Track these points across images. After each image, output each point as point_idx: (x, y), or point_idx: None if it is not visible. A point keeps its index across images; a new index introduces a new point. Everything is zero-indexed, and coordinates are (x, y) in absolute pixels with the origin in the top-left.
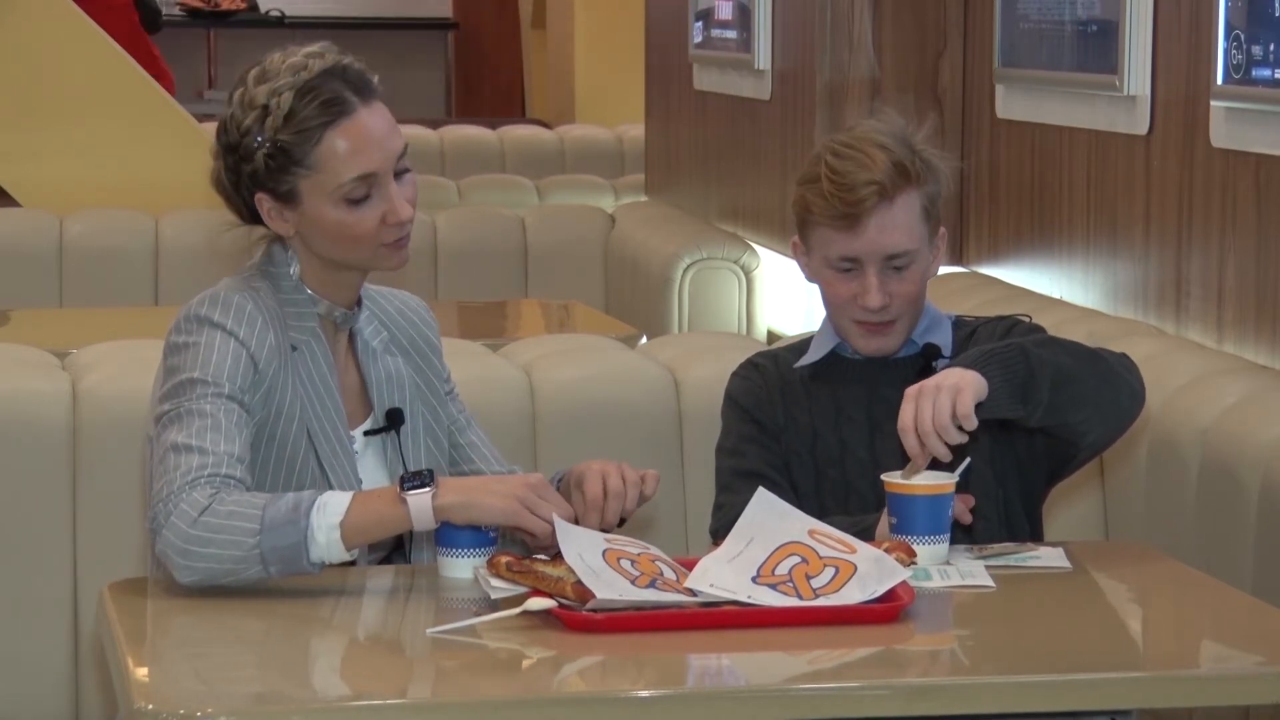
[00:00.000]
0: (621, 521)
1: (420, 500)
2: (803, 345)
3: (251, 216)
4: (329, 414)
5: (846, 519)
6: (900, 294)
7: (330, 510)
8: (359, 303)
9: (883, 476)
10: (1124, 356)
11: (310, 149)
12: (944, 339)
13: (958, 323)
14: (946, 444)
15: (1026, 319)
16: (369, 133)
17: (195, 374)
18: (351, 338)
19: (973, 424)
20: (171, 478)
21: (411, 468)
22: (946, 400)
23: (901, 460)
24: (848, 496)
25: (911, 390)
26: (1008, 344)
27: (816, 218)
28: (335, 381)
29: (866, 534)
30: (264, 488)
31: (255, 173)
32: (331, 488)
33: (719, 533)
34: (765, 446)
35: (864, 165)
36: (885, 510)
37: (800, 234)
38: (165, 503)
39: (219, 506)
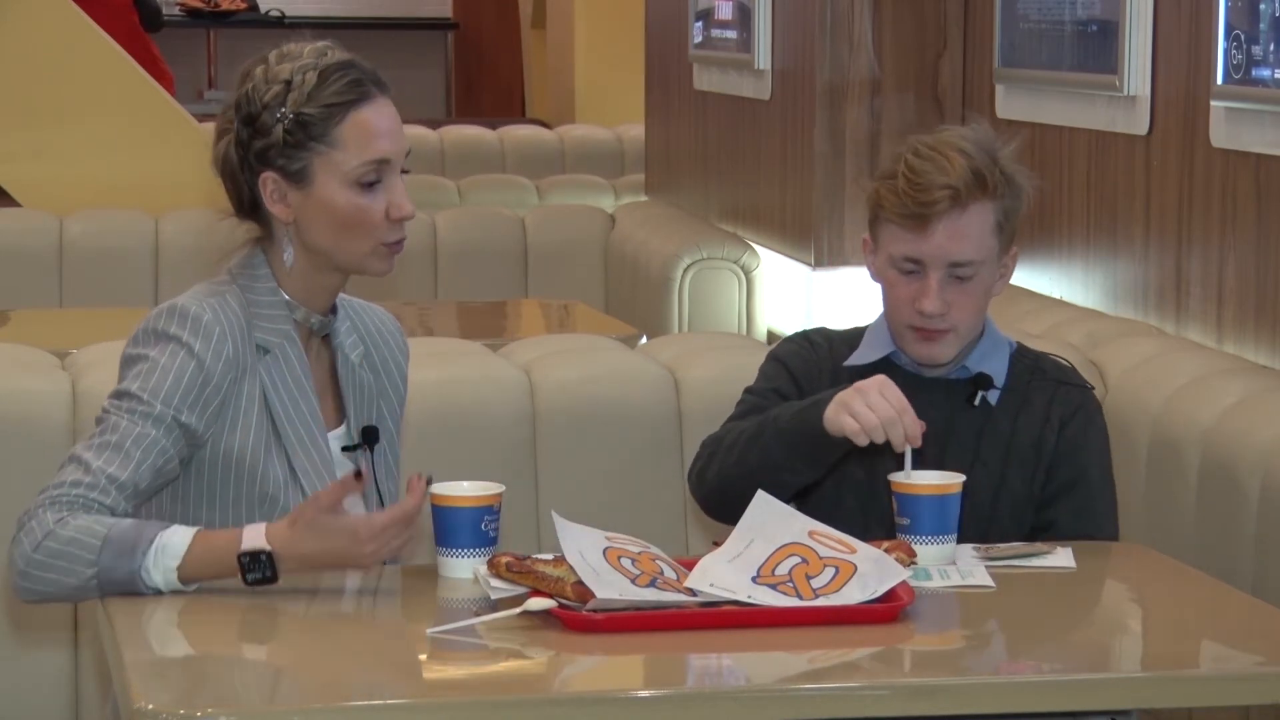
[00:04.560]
0: None
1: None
2: (854, 338)
3: (247, 204)
4: (303, 417)
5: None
6: (960, 304)
7: (170, 552)
8: (334, 310)
9: (890, 476)
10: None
11: (332, 126)
12: (999, 368)
13: (1019, 352)
14: None
15: (1091, 388)
16: (388, 119)
17: (134, 387)
18: (327, 343)
19: None
20: (50, 485)
21: (381, 486)
22: None
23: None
24: (870, 501)
25: None
26: None
27: (887, 214)
28: (310, 385)
29: (817, 407)
30: (225, 497)
31: (268, 148)
32: (303, 492)
33: (706, 443)
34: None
35: (942, 168)
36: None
37: (870, 230)
38: (29, 513)
39: (61, 531)
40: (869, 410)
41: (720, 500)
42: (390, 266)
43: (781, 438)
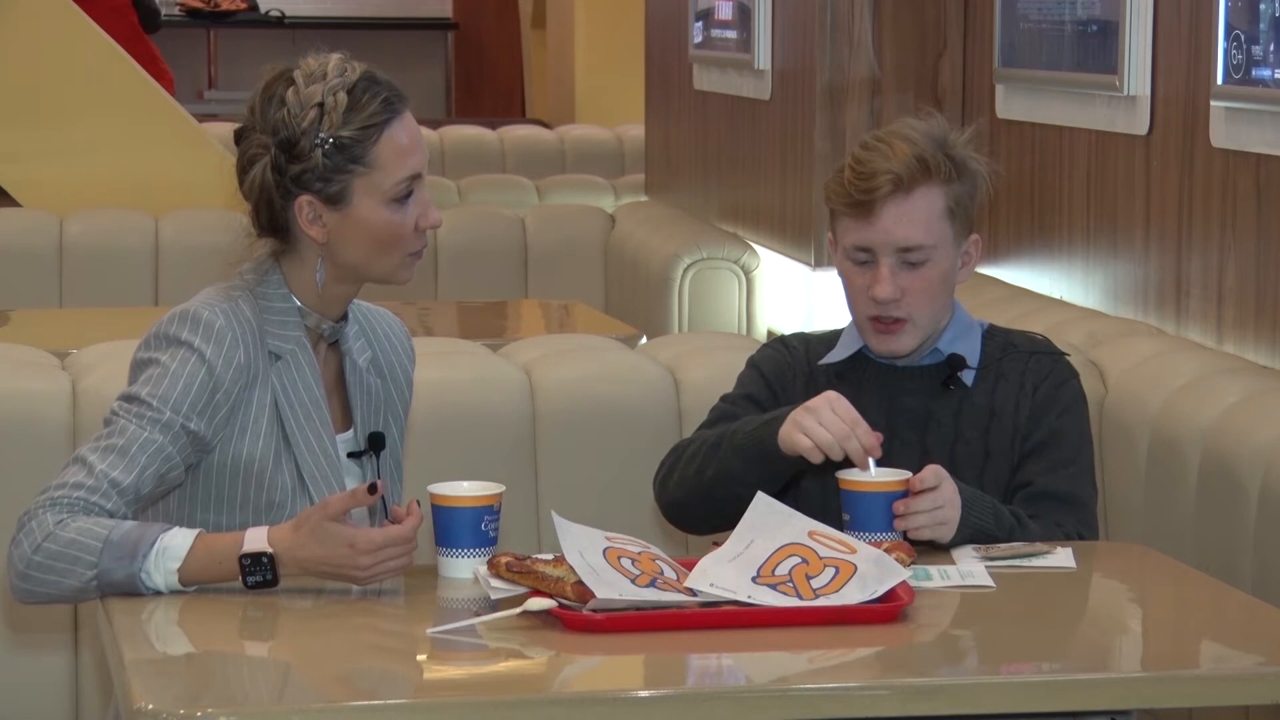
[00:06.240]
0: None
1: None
2: (832, 339)
3: (272, 225)
4: (314, 425)
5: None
6: (914, 290)
7: (171, 554)
8: (344, 316)
9: (838, 474)
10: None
11: (369, 147)
12: (971, 349)
13: (990, 331)
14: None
15: (1067, 357)
16: (414, 133)
17: (143, 392)
18: (335, 348)
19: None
20: (51, 485)
21: (385, 492)
22: (933, 520)
23: (913, 467)
24: None
25: (939, 478)
26: (994, 524)
27: (835, 205)
28: (321, 392)
29: (774, 424)
30: (232, 502)
31: (305, 173)
32: (311, 499)
33: (672, 450)
34: (767, 411)
35: (885, 156)
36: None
37: (830, 228)
38: (29, 514)
39: (61, 533)
40: (821, 428)
41: (680, 509)
42: (412, 275)
43: (739, 453)
